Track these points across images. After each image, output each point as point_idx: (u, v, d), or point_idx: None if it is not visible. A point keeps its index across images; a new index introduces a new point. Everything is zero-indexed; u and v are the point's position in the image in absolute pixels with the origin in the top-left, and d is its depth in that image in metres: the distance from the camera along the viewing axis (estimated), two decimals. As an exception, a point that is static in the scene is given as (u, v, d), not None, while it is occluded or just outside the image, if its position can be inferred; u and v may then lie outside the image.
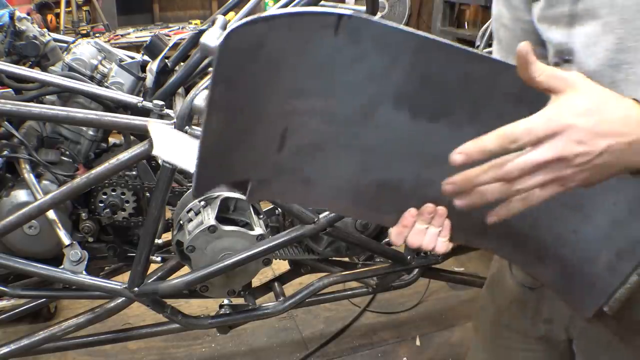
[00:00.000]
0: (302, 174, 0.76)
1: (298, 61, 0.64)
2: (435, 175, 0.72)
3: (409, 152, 0.73)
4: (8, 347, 1.45)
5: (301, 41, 0.61)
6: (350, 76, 0.65)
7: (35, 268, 1.37)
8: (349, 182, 0.77)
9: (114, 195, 1.53)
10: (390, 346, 2.19)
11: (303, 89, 0.67)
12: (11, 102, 1.24)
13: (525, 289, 1.03)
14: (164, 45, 1.57)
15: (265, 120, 0.68)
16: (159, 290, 1.40)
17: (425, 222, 0.77)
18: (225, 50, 0.57)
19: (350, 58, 0.64)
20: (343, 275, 1.64)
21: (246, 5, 1.82)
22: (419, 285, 2.22)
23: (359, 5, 1.88)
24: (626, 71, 0.75)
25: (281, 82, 0.66)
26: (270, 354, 2.15)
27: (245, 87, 0.64)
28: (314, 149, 0.73)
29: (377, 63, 0.65)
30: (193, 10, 4.68)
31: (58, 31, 3.65)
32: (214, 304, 1.64)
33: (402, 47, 0.64)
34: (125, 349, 2.11)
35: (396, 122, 0.70)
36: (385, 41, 0.63)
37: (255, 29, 0.58)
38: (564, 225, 0.79)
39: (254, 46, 0.60)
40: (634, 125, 0.58)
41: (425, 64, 0.65)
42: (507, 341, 1.09)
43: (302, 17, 0.60)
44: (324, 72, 0.65)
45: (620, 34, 0.74)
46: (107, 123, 1.28)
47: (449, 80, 0.66)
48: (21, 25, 1.53)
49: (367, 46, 0.63)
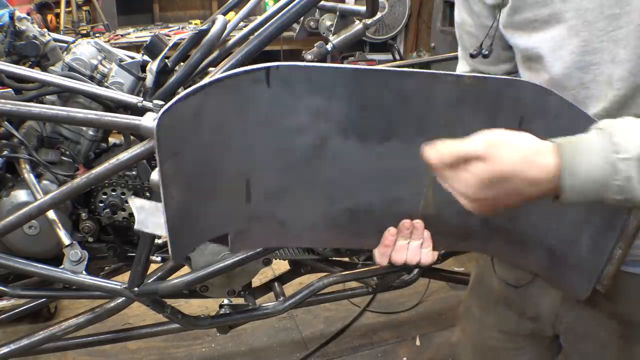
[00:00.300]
0: (275, 217, 0.79)
1: (241, 118, 0.67)
2: (402, 192, 0.76)
3: (370, 175, 0.76)
4: (8, 347, 1.45)
5: (238, 100, 0.64)
6: (294, 120, 0.68)
7: (35, 268, 1.37)
8: (322, 215, 0.80)
9: (114, 195, 1.53)
10: (390, 346, 2.19)
11: (252, 142, 0.70)
12: (11, 102, 1.24)
13: (510, 287, 1.03)
14: (164, 45, 1.57)
15: (225, 178, 0.71)
16: (159, 290, 1.40)
17: (405, 237, 0.81)
18: (162, 130, 0.60)
19: (290, 103, 0.67)
20: (343, 275, 1.64)
21: (246, 5, 1.82)
22: (419, 285, 2.22)
23: (359, 6, 1.88)
24: (594, 72, 0.77)
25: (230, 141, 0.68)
26: (270, 354, 2.15)
27: (195, 155, 0.66)
28: (279, 193, 0.76)
29: (316, 102, 0.67)
30: (193, 10, 4.68)
31: (58, 31, 3.65)
32: (214, 304, 1.64)
33: (334, 82, 0.67)
34: (125, 349, 2.11)
35: (349, 151, 0.73)
36: (317, 81, 0.66)
37: (189, 102, 0.61)
38: (542, 215, 0.80)
39: (192, 117, 0.63)
40: (542, 187, 0.64)
41: (360, 92, 0.68)
42: (494, 341, 1.10)
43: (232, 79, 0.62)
44: (268, 122, 0.68)
45: (585, 37, 0.75)
46: (107, 123, 1.27)
47: (387, 102, 0.69)
48: (21, 25, 1.53)
49: (302, 89, 0.66)
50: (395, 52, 4.19)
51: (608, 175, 0.62)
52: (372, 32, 4.23)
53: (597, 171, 0.62)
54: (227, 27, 1.55)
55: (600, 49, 0.75)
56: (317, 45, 1.85)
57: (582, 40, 0.76)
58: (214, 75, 1.21)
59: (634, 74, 0.73)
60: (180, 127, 0.62)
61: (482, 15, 0.91)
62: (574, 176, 0.63)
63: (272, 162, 0.72)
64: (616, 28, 0.72)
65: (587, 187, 0.63)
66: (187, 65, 1.43)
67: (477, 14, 0.92)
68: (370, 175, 0.76)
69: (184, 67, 1.43)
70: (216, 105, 0.64)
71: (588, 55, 0.76)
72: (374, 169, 0.75)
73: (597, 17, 0.73)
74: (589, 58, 0.76)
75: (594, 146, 0.63)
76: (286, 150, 0.72)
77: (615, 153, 0.62)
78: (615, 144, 0.62)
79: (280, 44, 3.59)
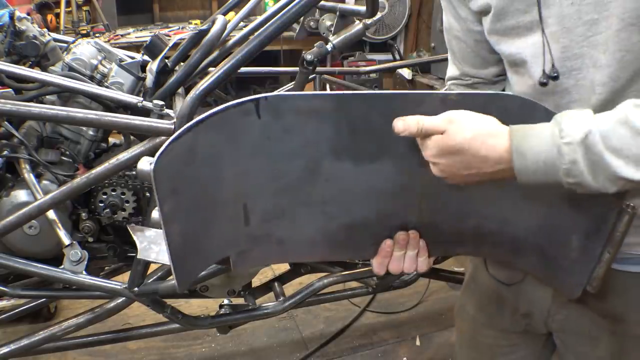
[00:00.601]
0: (274, 237, 0.81)
1: (234, 149, 0.69)
2: (397, 204, 0.78)
3: (364, 192, 0.78)
4: (8, 347, 1.45)
5: (230, 132, 0.67)
6: (286, 146, 0.71)
7: (35, 268, 1.37)
8: (319, 232, 0.82)
9: (114, 195, 1.53)
10: (390, 346, 2.19)
11: (247, 169, 0.72)
12: (11, 102, 1.24)
13: (502, 285, 1.04)
14: (164, 45, 1.57)
15: (223, 205, 0.74)
16: (159, 290, 1.40)
17: (401, 248, 0.84)
18: (159, 173, 0.62)
19: (281, 131, 0.69)
20: (343, 275, 1.64)
21: (246, 5, 1.82)
22: (419, 285, 2.22)
23: (359, 6, 1.88)
24: (575, 77, 0.78)
25: (224, 171, 0.71)
26: (270, 354, 2.15)
27: (192, 188, 0.69)
28: (277, 214, 0.78)
29: (306, 128, 0.70)
30: (193, 10, 4.68)
31: (58, 31, 3.64)
32: (214, 304, 1.64)
33: (322, 109, 0.69)
34: (125, 349, 2.11)
35: (342, 172, 0.75)
36: (305, 109, 0.68)
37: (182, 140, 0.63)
38: (532, 217, 0.82)
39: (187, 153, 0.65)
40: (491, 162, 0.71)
41: (348, 116, 0.71)
42: (488, 339, 1.11)
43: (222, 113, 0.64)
44: (261, 150, 0.70)
45: (565, 43, 0.77)
46: (107, 123, 1.27)
47: (375, 124, 0.72)
48: (21, 25, 1.53)
49: (292, 117, 0.68)
50: (395, 52, 4.19)
51: (555, 158, 0.67)
52: (372, 32, 4.23)
53: (543, 153, 0.67)
54: (227, 27, 1.55)
55: (581, 54, 0.76)
56: (317, 45, 1.84)
57: (562, 47, 0.77)
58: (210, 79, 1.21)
59: (614, 79, 0.74)
60: (176, 165, 0.65)
61: (469, 20, 0.92)
62: (522, 157, 0.68)
63: (268, 186, 0.75)
64: (595, 33, 0.73)
65: (538, 168, 0.68)
66: (187, 65, 1.43)
67: (464, 19, 0.93)
68: (364, 192, 0.78)
69: (184, 67, 1.43)
70: (209, 140, 0.66)
71: (569, 61, 0.77)
72: (368, 186, 0.78)
73: (576, 22, 0.74)
74: (570, 64, 0.77)
75: (543, 132, 0.68)
76: (280, 175, 0.74)
77: (560, 138, 0.66)
78: (561, 130, 0.66)
79: (280, 44, 3.59)
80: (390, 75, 4.29)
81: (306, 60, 1.88)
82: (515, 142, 0.69)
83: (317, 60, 1.86)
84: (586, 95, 0.77)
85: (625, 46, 0.71)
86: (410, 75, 4.15)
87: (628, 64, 0.72)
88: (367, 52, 4.44)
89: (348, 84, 2.96)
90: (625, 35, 0.71)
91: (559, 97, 0.80)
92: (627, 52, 0.72)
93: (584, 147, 0.65)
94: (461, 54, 0.98)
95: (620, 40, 0.71)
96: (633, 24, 0.70)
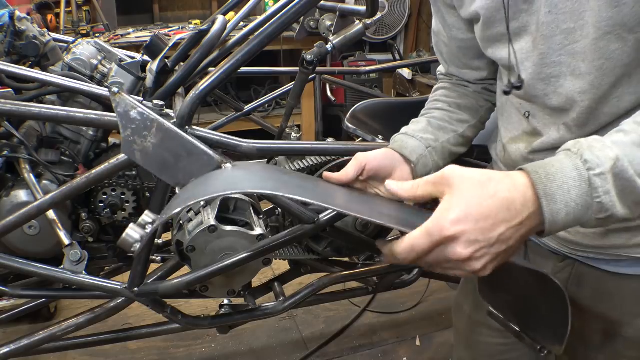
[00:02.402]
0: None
1: None
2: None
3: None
4: (8, 347, 1.45)
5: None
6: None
7: (35, 268, 1.36)
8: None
9: (114, 195, 1.53)
10: (390, 346, 2.20)
11: None
12: (11, 102, 1.24)
13: None
14: (164, 45, 1.57)
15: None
16: (159, 290, 1.40)
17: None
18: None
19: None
20: (343, 275, 1.64)
21: (246, 5, 1.82)
22: (419, 285, 2.22)
23: (359, 6, 1.88)
24: (554, 84, 0.78)
25: None
26: (270, 354, 2.15)
27: None
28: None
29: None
30: (193, 10, 4.67)
31: (58, 31, 3.64)
32: (214, 304, 1.64)
33: None
34: (125, 349, 2.11)
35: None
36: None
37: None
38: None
39: None
40: (518, 207, 0.61)
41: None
42: (485, 337, 1.11)
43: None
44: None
45: (543, 50, 0.77)
46: (107, 123, 1.27)
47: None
48: (21, 25, 1.53)
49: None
50: (395, 52, 4.19)
51: (586, 194, 0.60)
52: (372, 32, 4.23)
53: (575, 191, 0.60)
54: (227, 27, 1.55)
55: (559, 63, 0.76)
56: (317, 45, 1.85)
57: (540, 54, 0.77)
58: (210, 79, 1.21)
59: (596, 87, 0.74)
60: None
61: (454, 27, 0.96)
62: (552, 201, 0.60)
63: None
64: (572, 42, 0.73)
65: (569, 211, 0.60)
66: (187, 65, 1.43)
67: (450, 26, 0.97)
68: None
69: (184, 67, 1.43)
70: None
71: (547, 68, 0.78)
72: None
73: (554, 31, 0.75)
74: (549, 71, 0.78)
75: (564, 166, 0.61)
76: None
77: (587, 170, 0.60)
78: (586, 162, 0.60)
79: (280, 44, 3.59)
80: (390, 75, 4.29)
81: (306, 60, 1.88)
82: (540, 185, 0.61)
83: (317, 60, 1.87)
84: (568, 102, 0.78)
85: (604, 54, 0.71)
86: (410, 75, 4.15)
87: (608, 71, 0.72)
88: (367, 52, 4.44)
89: (348, 84, 2.96)
90: (603, 43, 0.70)
91: (543, 101, 0.81)
92: (606, 60, 0.71)
93: (613, 175, 0.60)
94: (447, 56, 1.05)
95: (599, 48, 0.71)
96: (609, 32, 0.69)
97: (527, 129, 0.88)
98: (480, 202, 0.60)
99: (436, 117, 1.03)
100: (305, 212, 1.39)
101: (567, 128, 0.79)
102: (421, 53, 4.31)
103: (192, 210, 1.39)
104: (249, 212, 1.41)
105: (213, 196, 0.68)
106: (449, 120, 1.03)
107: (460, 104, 1.05)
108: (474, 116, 1.06)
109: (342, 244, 1.60)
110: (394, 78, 4.32)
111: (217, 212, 1.35)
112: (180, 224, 1.40)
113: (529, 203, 0.61)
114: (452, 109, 1.04)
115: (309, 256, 1.62)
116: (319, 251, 1.60)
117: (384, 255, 0.67)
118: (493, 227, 0.60)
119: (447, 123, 1.03)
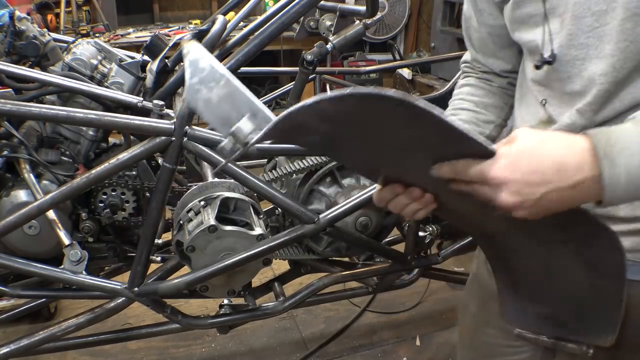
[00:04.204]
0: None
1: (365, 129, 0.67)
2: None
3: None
4: (8, 347, 1.45)
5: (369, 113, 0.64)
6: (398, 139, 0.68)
7: (35, 268, 1.37)
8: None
9: (114, 195, 1.53)
10: (390, 346, 2.19)
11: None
12: (11, 102, 1.24)
13: None
14: (164, 45, 1.57)
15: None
16: (159, 290, 1.40)
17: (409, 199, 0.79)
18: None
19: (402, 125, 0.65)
20: (343, 275, 1.64)
21: (246, 5, 1.82)
22: (419, 285, 2.22)
23: (359, 6, 1.88)
24: (579, 67, 0.78)
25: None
26: (270, 354, 2.15)
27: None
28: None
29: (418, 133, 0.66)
30: (193, 10, 4.68)
31: (58, 31, 3.64)
32: (214, 304, 1.64)
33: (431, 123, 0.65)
34: (125, 349, 2.11)
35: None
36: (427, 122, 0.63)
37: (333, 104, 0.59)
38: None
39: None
40: (570, 170, 0.61)
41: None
42: (489, 338, 1.10)
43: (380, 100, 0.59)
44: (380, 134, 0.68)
45: (572, 30, 0.77)
46: (107, 123, 1.27)
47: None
48: (21, 25, 1.53)
49: (416, 122, 0.64)
50: (395, 52, 4.20)
51: None
52: (372, 32, 4.23)
53: (638, 157, 0.58)
54: (227, 27, 1.55)
55: (586, 45, 0.76)
56: (317, 45, 1.85)
57: (568, 34, 0.77)
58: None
59: (617, 69, 0.74)
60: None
61: (485, 12, 0.95)
62: (612, 165, 0.59)
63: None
64: (602, 24, 0.73)
65: (631, 178, 0.59)
66: (187, 65, 1.42)
67: (480, 11, 0.97)
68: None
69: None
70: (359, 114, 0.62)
71: (574, 50, 0.77)
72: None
73: (585, 12, 0.74)
74: (575, 52, 0.77)
75: (630, 133, 0.61)
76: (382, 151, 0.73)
77: None
78: None
79: (280, 44, 3.59)
80: (390, 75, 4.30)
81: (306, 60, 1.88)
82: (600, 147, 0.59)
83: (317, 60, 1.87)
84: (588, 85, 0.77)
85: (629, 36, 0.71)
86: (410, 75, 4.15)
87: (631, 54, 0.72)
88: (367, 52, 4.45)
89: (348, 84, 2.96)
90: (630, 25, 0.70)
91: (563, 84, 0.81)
92: (630, 42, 0.71)
93: None
94: (477, 42, 1.03)
95: (625, 30, 0.71)
96: (637, 14, 0.69)
97: (543, 117, 0.88)
98: (532, 157, 0.61)
99: (464, 119, 1.03)
100: (306, 212, 1.39)
101: (579, 114, 0.79)
102: (421, 53, 4.31)
103: (192, 210, 1.39)
104: (249, 212, 1.41)
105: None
106: (476, 122, 1.03)
107: (487, 103, 1.05)
108: (499, 115, 1.06)
109: (342, 244, 1.60)
110: (394, 78, 4.33)
111: (217, 212, 1.35)
112: (180, 224, 1.40)
113: (584, 167, 0.60)
114: (479, 109, 1.04)
115: (309, 256, 1.63)
116: (318, 251, 1.60)
117: (440, 166, 0.66)
118: (539, 185, 0.61)
119: (474, 125, 1.03)
